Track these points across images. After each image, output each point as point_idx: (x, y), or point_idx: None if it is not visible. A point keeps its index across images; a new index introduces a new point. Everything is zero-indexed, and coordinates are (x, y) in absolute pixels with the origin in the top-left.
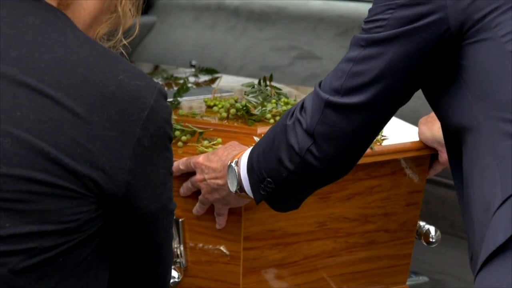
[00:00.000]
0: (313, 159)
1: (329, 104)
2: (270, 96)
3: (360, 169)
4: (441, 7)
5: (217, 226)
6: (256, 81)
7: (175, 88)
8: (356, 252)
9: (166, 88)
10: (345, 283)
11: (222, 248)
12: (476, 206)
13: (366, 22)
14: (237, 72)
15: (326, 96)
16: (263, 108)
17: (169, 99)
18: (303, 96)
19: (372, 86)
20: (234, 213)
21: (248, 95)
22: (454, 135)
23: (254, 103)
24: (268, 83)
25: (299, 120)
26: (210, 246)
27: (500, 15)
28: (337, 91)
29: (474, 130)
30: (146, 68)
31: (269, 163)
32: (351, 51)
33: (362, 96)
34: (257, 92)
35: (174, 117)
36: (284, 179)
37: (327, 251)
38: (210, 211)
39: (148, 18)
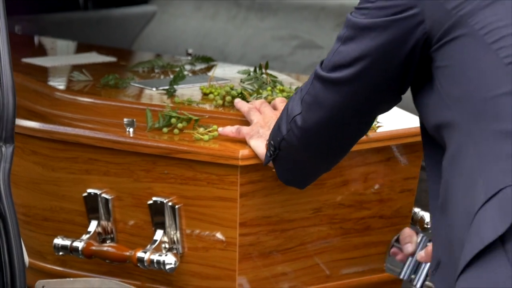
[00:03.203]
0: (295, 127)
1: (316, 76)
2: (266, 84)
3: (355, 156)
4: (418, 1)
5: (220, 129)
6: (252, 69)
7: (171, 76)
8: (352, 238)
9: (162, 76)
10: (341, 269)
11: (218, 234)
12: (456, 207)
13: (356, 7)
14: (238, 62)
15: (317, 69)
16: (259, 95)
17: (165, 87)
18: (300, 84)
19: (350, 67)
20: (230, 200)
21: (243, 82)
22: (434, 137)
23: (250, 90)
24: (264, 70)
25: (301, 88)
26: (207, 233)
27: (477, 9)
28: (325, 66)
29: (454, 131)
30: (147, 57)
31: (275, 126)
32: (342, 30)
33: (340, 74)
34: (253, 79)
35: (170, 104)
36: (279, 143)
37: (322, 237)
38: (206, 197)
39: (148, 8)
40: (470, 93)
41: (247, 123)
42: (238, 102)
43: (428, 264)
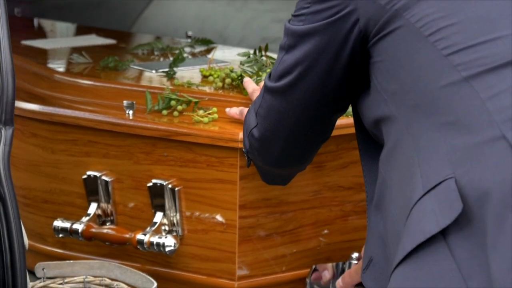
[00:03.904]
0: (253, 140)
1: (265, 88)
2: (266, 66)
3: (354, 138)
4: (351, 0)
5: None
6: (251, 51)
7: (171, 58)
8: (351, 221)
9: (162, 59)
10: (340, 251)
11: (218, 216)
12: (392, 202)
13: (293, 14)
14: (237, 44)
15: (266, 80)
16: (258, 78)
17: (165, 69)
18: None
19: (292, 73)
20: (230, 182)
21: (243, 64)
22: (373, 135)
23: (250, 73)
24: (263, 53)
25: (254, 101)
26: (206, 215)
27: (412, 3)
28: (272, 77)
29: (392, 125)
30: (147, 39)
31: (243, 132)
32: (283, 39)
33: (285, 81)
34: (253, 61)
35: (169, 86)
36: (246, 154)
37: (322, 220)
38: (206, 179)
39: None
40: (407, 86)
41: (246, 106)
42: (246, 81)
43: None
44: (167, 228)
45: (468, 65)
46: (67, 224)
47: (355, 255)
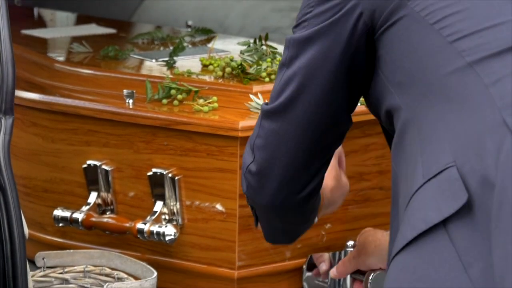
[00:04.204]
0: (250, 177)
1: (262, 115)
2: (266, 55)
3: (355, 127)
4: None
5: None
6: (251, 41)
7: (171, 48)
8: (351, 210)
9: (162, 48)
10: (340, 240)
11: (218, 205)
12: (400, 194)
13: (295, 25)
14: (237, 34)
15: (263, 107)
16: (258, 67)
17: (165, 58)
18: None
19: (291, 86)
20: (230, 171)
21: (243, 54)
22: (390, 131)
23: (250, 62)
24: (263, 42)
25: (249, 139)
26: (206, 204)
27: None
28: (271, 99)
29: (400, 115)
30: (147, 29)
31: None
32: (282, 56)
33: (286, 95)
34: (253, 51)
35: (169, 76)
36: (247, 197)
37: None
38: (206, 168)
39: None
40: (413, 76)
41: (246, 95)
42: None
43: (348, 277)
44: (167, 217)
45: (473, 50)
46: (67, 213)
47: (350, 243)
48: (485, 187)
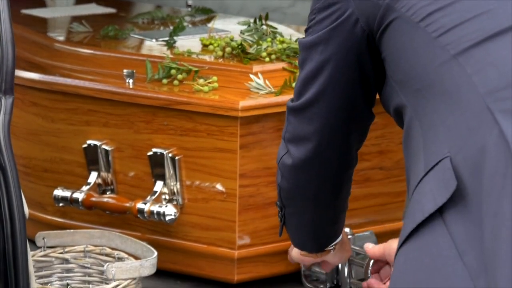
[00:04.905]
0: (284, 168)
1: (288, 111)
2: (266, 35)
3: None
4: (348, 2)
5: None
6: (252, 20)
7: (171, 27)
8: (352, 190)
9: (162, 28)
10: None
11: (218, 185)
12: (410, 188)
13: (305, 30)
14: (237, 13)
15: (288, 103)
16: (259, 47)
17: (165, 38)
18: (300, 35)
19: (311, 87)
20: (230, 151)
21: (243, 33)
22: (399, 125)
23: (250, 42)
24: (263, 22)
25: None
26: (207, 184)
27: None
28: (294, 96)
29: (405, 114)
30: (147, 8)
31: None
32: (299, 55)
33: (305, 97)
34: (253, 30)
35: (170, 55)
36: (279, 196)
37: None
38: (206, 148)
39: None
40: (408, 73)
41: (246, 75)
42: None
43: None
44: (167, 197)
45: (456, 42)
46: (67, 193)
47: (346, 230)
48: (474, 173)
